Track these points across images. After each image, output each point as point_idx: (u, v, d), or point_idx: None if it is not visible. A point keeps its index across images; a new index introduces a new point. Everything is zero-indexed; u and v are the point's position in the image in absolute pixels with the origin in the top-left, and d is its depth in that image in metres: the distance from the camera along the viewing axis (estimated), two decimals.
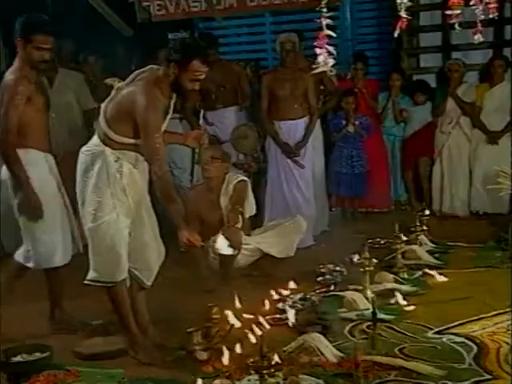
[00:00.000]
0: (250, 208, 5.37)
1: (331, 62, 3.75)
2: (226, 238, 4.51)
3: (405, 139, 7.05)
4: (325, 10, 3.68)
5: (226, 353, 3.60)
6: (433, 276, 4.90)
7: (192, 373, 3.50)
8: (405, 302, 4.34)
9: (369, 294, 4.40)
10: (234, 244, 4.79)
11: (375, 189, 6.94)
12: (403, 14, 4.01)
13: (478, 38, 4.29)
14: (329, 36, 3.71)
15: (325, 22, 3.71)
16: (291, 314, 4.12)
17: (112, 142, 3.69)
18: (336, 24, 3.85)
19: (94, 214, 3.67)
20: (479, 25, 4.26)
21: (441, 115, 6.81)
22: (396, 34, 4.17)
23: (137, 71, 3.83)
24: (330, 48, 3.71)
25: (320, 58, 3.73)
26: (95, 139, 3.76)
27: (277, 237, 5.24)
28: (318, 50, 3.73)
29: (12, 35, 4.13)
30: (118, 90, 3.77)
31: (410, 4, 4.04)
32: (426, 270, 4.98)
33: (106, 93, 3.95)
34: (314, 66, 3.79)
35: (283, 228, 5.28)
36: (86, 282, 3.79)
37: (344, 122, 6.73)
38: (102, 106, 3.78)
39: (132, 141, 3.70)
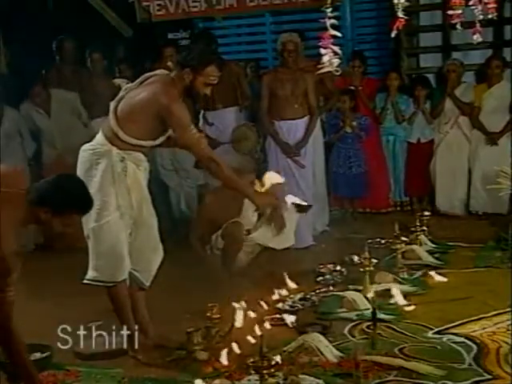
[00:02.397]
0: None
1: (336, 62, 3.74)
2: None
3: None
4: (329, 10, 3.66)
5: (226, 353, 3.61)
6: (433, 276, 4.91)
7: (192, 373, 3.50)
8: (404, 302, 4.34)
9: (369, 294, 4.41)
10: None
11: (374, 189, 6.94)
12: (400, 14, 4.01)
13: (477, 37, 4.29)
14: (333, 36, 3.70)
15: (329, 22, 3.69)
16: (289, 319, 4.13)
17: (120, 142, 3.70)
18: (337, 24, 3.82)
19: (98, 213, 3.66)
20: (478, 25, 4.26)
21: (438, 116, 6.82)
22: (393, 35, 4.16)
23: (146, 74, 3.86)
24: (335, 48, 3.70)
25: (325, 58, 3.72)
26: (100, 138, 3.76)
27: (273, 230, 5.22)
28: (322, 50, 3.72)
29: (11, 35, 4.13)
30: (127, 91, 3.79)
31: (407, 4, 4.04)
32: (427, 272, 4.99)
33: (108, 91, 3.95)
34: (319, 66, 3.78)
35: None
36: (85, 281, 3.79)
37: (341, 123, 6.71)
38: (111, 105, 3.79)
39: (140, 142, 3.72)
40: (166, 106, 3.63)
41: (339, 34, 3.78)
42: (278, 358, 3.21)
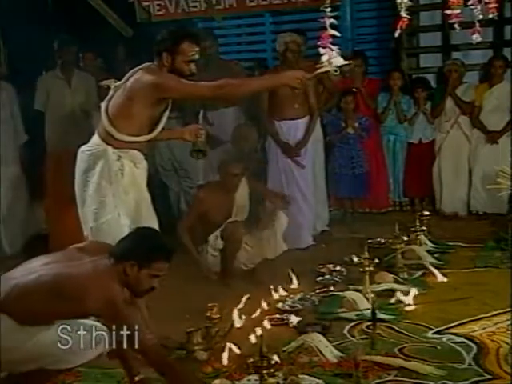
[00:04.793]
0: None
1: (335, 61, 3.74)
2: None
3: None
4: (328, 9, 3.67)
5: (226, 353, 3.60)
6: (433, 276, 4.91)
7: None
8: (407, 299, 4.34)
9: (369, 294, 4.41)
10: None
11: (374, 189, 6.94)
12: (403, 13, 4.00)
13: (476, 37, 4.28)
14: (332, 36, 3.71)
15: (328, 21, 3.70)
16: (294, 319, 4.13)
17: (114, 141, 3.71)
18: (336, 24, 3.82)
19: (96, 212, 3.69)
20: (477, 24, 4.25)
21: (439, 115, 6.82)
22: (397, 34, 4.16)
23: (131, 70, 3.87)
24: (334, 48, 3.70)
25: (324, 58, 3.72)
26: (96, 139, 3.78)
27: (265, 240, 5.23)
28: (322, 50, 3.72)
29: (11, 34, 4.14)
30: (116, 90, 3.81)
31: (410, 4, 4.03)
32: (427, 270, 4.99)
33: (106, 93, 3.98)
34: (317, 66, 3.78)
35: (268, 232, 5.26)
36: None
37: (343, 124, 6.71)
38: (102, 105, 3.81)
39: (135, 138, 3.73)
40: (155, 81, 3.64)
41: (338, 34, 3.78)
42: (277, 358, 3.21)
